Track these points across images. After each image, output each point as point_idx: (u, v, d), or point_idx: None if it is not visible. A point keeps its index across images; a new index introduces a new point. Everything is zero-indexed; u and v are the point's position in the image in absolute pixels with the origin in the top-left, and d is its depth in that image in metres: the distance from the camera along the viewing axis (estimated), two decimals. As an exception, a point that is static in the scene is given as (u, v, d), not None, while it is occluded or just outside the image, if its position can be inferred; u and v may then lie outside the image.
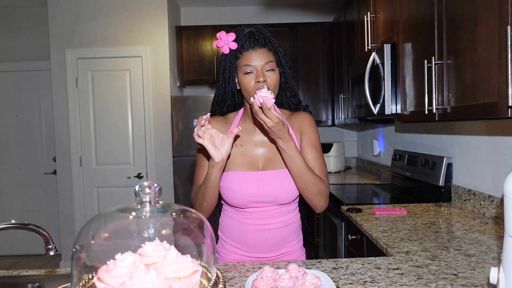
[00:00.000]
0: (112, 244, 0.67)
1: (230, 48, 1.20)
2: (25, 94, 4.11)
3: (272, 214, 1.24)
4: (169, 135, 3.60)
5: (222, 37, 1.20)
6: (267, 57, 1.18)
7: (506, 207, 0.75)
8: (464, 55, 1.32)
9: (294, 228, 1.30)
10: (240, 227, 1.25)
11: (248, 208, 1.24)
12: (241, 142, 1.26)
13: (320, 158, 1.26)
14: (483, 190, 1.83)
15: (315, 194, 1.19)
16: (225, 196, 1.23)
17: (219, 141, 1.11)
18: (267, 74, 1.17)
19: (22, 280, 1.11)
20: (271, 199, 1.22)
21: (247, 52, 1.18)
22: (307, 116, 1.30)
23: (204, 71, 3.76)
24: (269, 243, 1.25)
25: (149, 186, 0.66)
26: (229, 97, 1.28)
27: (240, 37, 1.21)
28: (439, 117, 1.52)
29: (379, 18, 2.32)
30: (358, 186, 2.86)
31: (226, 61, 1.23)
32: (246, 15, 4.09)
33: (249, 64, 1.17)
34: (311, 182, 1.17)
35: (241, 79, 1.19)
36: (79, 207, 3.62)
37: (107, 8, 3.53)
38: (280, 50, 1.24)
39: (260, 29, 1.23)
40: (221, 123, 1.29)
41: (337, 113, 3.68)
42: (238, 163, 1.23)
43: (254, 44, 1.18)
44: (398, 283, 1.02)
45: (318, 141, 1.29)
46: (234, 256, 1.28)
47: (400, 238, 1.45)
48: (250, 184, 1.21)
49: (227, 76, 1.24)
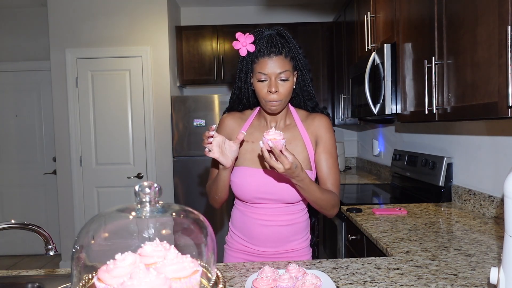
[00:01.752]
0: (112, 244, 0.67)
1: (248, 50, 1.20)
2: (25, 94, 4.11)
3: (278, 211, 1.26)
4: (169, 135, 3.60)
5: (240, 38, 1.20)
6: (283, 65, 1.17)
7: (506, 207, 0.75)
8: (464, 55, 1.32)
9: (300, 228, 1.31)
10: (247, 220, 1.29)
11: (255, 204, 1.27)
12: (253, 139, 1.29)
13: (335, 166, 1.27)
14: (483, 190, 1.83)
15: (329, 209, 1.23)
16: (234, 189, 1.28)
17: (227, 146, 1.16)
18: (280, 83, 1.18)
19: (22, 280, 1.11)
20: (276, 197, 1.24)
21: (263, 59, 1.17)
22: (324, 120, 1.30)
23: (204, 71, 3.76)
24: (273, 239, 1.27)
25: (149, 186, 0.66)
26: (245, 97, 1.31)
27: (259, 40, 1.20)
28: (439, 117, 1.52)
29: (379, 18, 2.32)
30: (358, 186, 2.86)
31: (243, 63, 1.24)
32: (246, 15, 4.09)
33: (263, 72, 1.17)
34: (325, 202, 1.20)
35: (255, 84, 1.22)
36: (79, 207, 3.62)
37: (107, 8, 3.53)
38: (299, 53, 1.23)
39: (280, 31, 1.22)
40: (237, 119, 1.34)
41: (337, 113, 3.68)
42: (249, 159, 1.26)
43: (271, 51, 1.17)
44: (398, 283, 1.02)
45: (335, 148, 1.30)
46: (240, 247, 1.32)
47: (400, 238, 1.45)
48: (257, 181, 1.23)
49: (243, 77, 1.26)
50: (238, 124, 1.32)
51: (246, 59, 1.22)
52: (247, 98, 1.31)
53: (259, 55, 1.18)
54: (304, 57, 1.25)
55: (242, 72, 1.25)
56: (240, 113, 1.35)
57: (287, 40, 1.21)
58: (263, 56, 1.17)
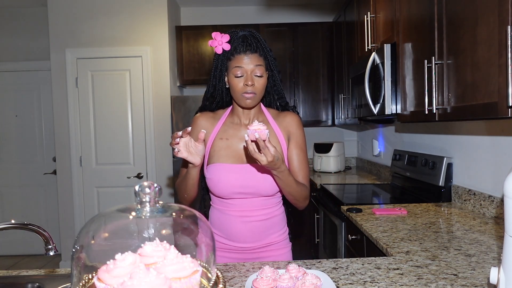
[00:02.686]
0: (112, 244, 0.67)
1: (223, 48, 1.27)
2: (25, 94, 4.11)
3: (255, 206, 1.30)
4: (169, 135, 3.60)
5: (216, 37, 1.27)
6: (257, 61, 1.25)
7: (506, 207, 0.75)
8: (464, 55, 1.32)
9: (277, 221, 1.36)
10: (225, 218, 1.32)
11: (233, 200, 1.30)
12: (227, 136, 1.33)
13: (305, 160, 1.35)
14: (483, 190, 1.83)
15: (301, 200, 1.31)
16: (210, 186, 1.31)
17: (193, 146, 1.20)
18: (255, 79, 1.25)
19: (22, 280, 1.11)
20: (254, 190, 1.28)
21: (239, 55, 1.25)
22: (295, 117, 1.37)
23: (204, 71, 3.76)
24: (252, 234, 1.31)
25: (149, 186, 0.66)
26: (218, 95, 1.37)
27: (234, 40, 1.27)
28: (439, 117, 1.52)
29: (379, 18, 2.32)
30: (358, 186, 2.86)
31: (218, 60, 1.30)
32: (246, 15, 4.09)
33: (239, 66, 1.24)
34: (299, 193, 1.28)
35: (230, 80, 1.27)
36: (79, 207, 3.62)
37: (107, 8, 3.53)
38: (270, 55, 1.31)
39: (254, 33, 1.30)
40: (209, 118, 1.37)
41: (337, 113, 3.68)
42: (224, 156, 1.30)
43: (247, 48, 1.24)
44: (398, 283, 1.02)
45: (305, 143, 1.37)
46: (220, 245, 1.35)
47: (400, 238, 1.45)
48: (235, 176, 1.27)
49: (218, 74, 1.32)
50: (210, 124, 1.36)
51: (222, 58, 1.28)
52: (221, 96, 1.37)
53: (235, 52, 1.25)
54: (274, 59, 1.33)
55: (217, 70, 1.31)
56: (213, 113, 1.39)
57: (259, 41, 1.28)
58: (239, 53, 1.25)
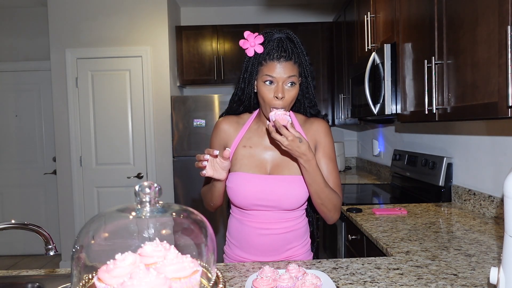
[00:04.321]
0: (112, 244, 0.67)
1: (256, 51, 1.16)
2: (25, 94, 4.11)
3: (275, 219, 1.23)
4: (169, 135, 3.60)
5: (249, 38, 1.16)
6: (291, 71, 1.14)
7: (506, 207, 0.75)
8: (464, 55, 1.32)
9: (299, 234, 1.27)
10: (243, 229, 1.25)
11: (252, 211, 1.23)
12: (251, 144, 1.25)
13: (335, 171, 1.25)
14: (483, 190, 1.83)
15: (330, 209, 1.20)
16: (230, 195, 1.24)
17: (219, 162, 1.14)
18: (287, 89, 1.15)
19: (22, 280, 1.11)
20: (274, 204, 1.20)
21: (271, 62, 1.14)
22: (323, 124, 1.27)
23: (204, 71, 3.76)
24: (271, 247, 1.24)
25: (149, 186, 0.66)
26: (246, 98, 1.27)
27: (268, 43, 1.16)
28: (439, 117, 1.52)
29: (379, 18, 2.32)
30: (358, 186, 2.86)
31: (249, 63, 1.20)
32: (246, 15, 4.09)
33: (270, 75, 1.14)
34: (328, 198, 1.17)
35: (260, 86, 1.17)
36: (79, 207, 3.62)
37: (107, 8, 3.53)
38: (306, 60, 1.20)
39: (290, 36, 1.19)
40: (233, 123, 1.29)
41: (337, 113, 3.68)
42: (246, 164, 1.23)
43: (281, 55, 1.13)
44: (398, 283, 1.02)
45: (334, 152, 1.27)
46: (238, 259, 1.28)
47: (400, 238, 1.45)
48: (255, 187, 1.20)
49: (247, 78, 1.22)
50: (234, 129, 1.28)
51: (252, 60, 1.18)
52: (249, 100, 1.27)
53: (267, 57, 1.14)
54: (310, 64, 1.22)
55: (247, 73, 1.21)
56: (237, 117, 1.30)
57: (296, 46, 1.18)
58: (272, 59, 1.14)
